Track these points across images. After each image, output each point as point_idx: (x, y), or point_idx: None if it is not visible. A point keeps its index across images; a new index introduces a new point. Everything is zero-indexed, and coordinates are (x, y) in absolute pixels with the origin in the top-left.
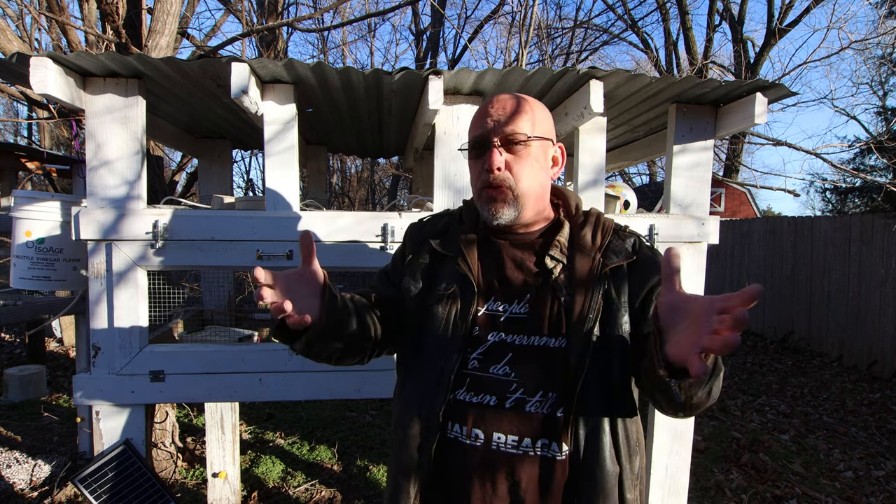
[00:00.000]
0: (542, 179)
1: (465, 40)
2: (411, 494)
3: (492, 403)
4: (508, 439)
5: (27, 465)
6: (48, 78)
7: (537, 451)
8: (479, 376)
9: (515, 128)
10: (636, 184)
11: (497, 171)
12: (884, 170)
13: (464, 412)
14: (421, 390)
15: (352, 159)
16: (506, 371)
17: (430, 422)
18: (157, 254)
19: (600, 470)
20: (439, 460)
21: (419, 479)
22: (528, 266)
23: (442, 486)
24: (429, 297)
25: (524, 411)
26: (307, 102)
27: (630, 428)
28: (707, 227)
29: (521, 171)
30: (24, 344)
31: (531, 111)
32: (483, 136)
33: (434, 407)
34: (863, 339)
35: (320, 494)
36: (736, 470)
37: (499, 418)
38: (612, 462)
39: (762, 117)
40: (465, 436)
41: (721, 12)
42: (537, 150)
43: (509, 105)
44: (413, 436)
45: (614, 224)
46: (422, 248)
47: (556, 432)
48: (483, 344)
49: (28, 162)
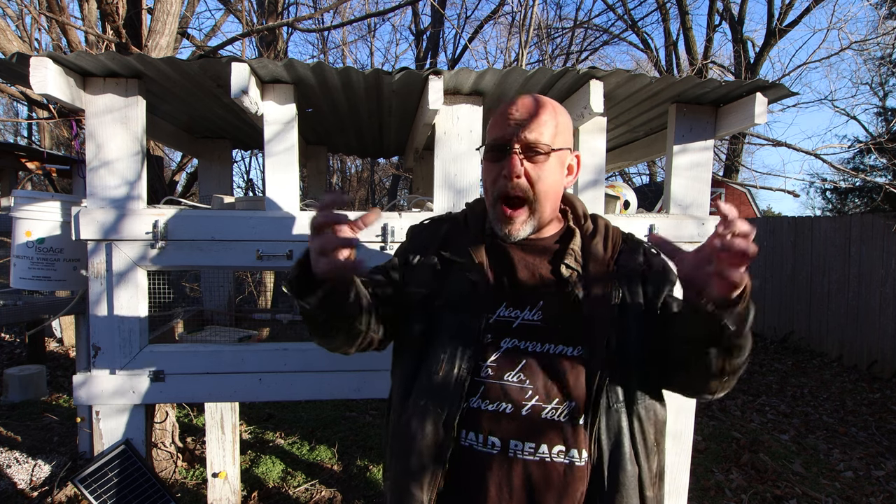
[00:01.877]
0: (557, 189)
1: (465, 40)
2: (424, 502)
3: (508, 411)
4: (526, 446)
5: (27, 465)
6: (48, 78)
7: (555, 458)
8: (493, 384)
9: (539, 136)
10: (636, 184)
11: (516, 180)
12: (884, 170)
13: (478, 420)
14: (432, 399)
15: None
16: (520, 378)
17: (446, 431)
18: (157, 254)
19: (622, 473)
20: (452, 468)
21: (433, 487)
22: (540, 272)
23: (456, 493)
24: (436, 303)
25: (541, 418)
26: (307, 102)
27: (648, 430)
28: (707, 227)
29: (539, 180)
30: (24, 344)
31: (554, 118)
32: (504, 140)
33: (449, 416)
34: (863, 339)
35: (320, 494)
36: (736, 470)
37: (515, 425)
38: (632, 464)
39: (762, 117)
40: (480, 443)
41: (721, 12)
42: (557, 159)
43: (533, 109)
44: (426, 445)
45: (622, 232)
46: (427, 251)
47: (575, 439)
48: (496, 351)
49: (28, 162)
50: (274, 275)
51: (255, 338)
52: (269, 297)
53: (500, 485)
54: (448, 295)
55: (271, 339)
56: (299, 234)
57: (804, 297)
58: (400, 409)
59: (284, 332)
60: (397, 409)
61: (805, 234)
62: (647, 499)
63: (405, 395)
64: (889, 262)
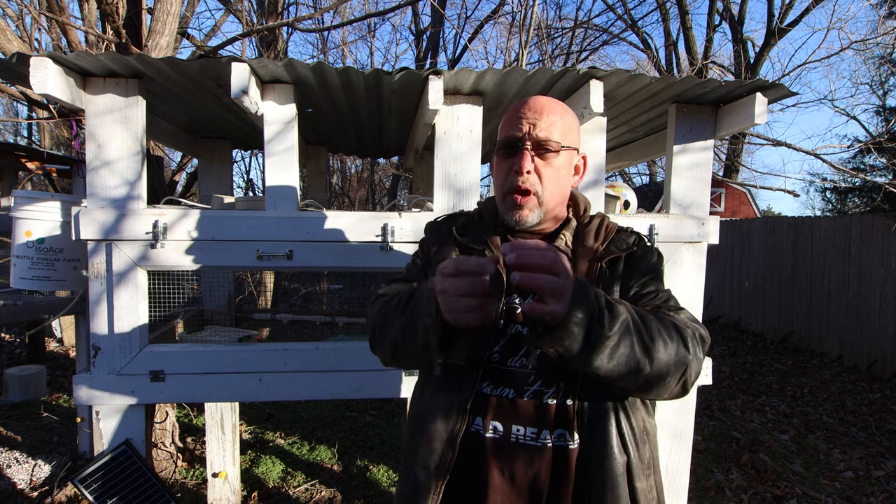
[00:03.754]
0: (564, 186)
1: (465, 40)
2: (432, 488)
3: (510, 396)
4: (527, 431)
5: (27, 465)
6: (48, 78)
7: (554, 442)
8: (498, 369)
9: (549, 135)
10: (636, 184)
11: (526, 175)
12: (883, 170)
13: (485, 405)
14: (448, 382)
15: (352, 159)
16: (523, 363)
17: (459, 414)
18: (157, 254)
19: (608, 459)
20: (460, 453)
21: (443, 472)
22: None
23: (461, 478)
24: None
25: (542, 403)
26: (307, 102)
27: (635, 416)
28: (707, 227)
29: (548, 177)
30: (24, 344)
31: (563, 119)
32: (515, 138)
33: (462, 399)
34: (863, 339)
35: (320, 494)
36: (736, 470)
37: (517, 411)
38: (620, 451)
39: (762, 117)
40: (484, 428)
41: (721, 12)
42: (565, 158)
43: (544, 110)
44: (438, 428)
45: (618, 226)
46: (445, 241)
47: (568, 421)
48: (504, 336)
49: (28, 162)
50: (274, 275)
51: (255, 338)
52: (269, 297)
53: (502, 470)
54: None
55: (271, 339)
56: (299, 234)
57: (804, 297)
58: (419, 394)
59: (284, 332)
60: (415, 394)
61: (805, 234)
62: (637, 489)
63: (425, 379)
64: (889, 262)
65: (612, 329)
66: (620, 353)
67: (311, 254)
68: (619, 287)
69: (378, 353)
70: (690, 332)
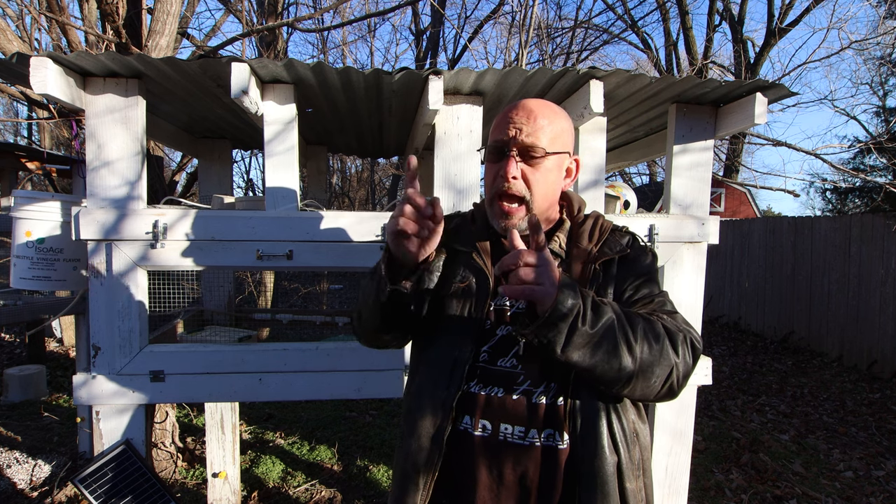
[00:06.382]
0: (554, 190)
1: (465, 40)
2: (420, 485)
3: (499, 395)
4: (515, 430)
5: (27, 465)
6: (48, 78)
7: (542, 441)
8: (487, 369)
9: (535, 140)
10: (636, 184)
11: (512, 181)
12: (884, 170)
13: (473, 404)
14: (434, 381)
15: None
16: (513, 363)
17: (444, 413)
18: (157, 254)
19: (598, 459)
20: (448, 451)
21: (430, 469)
22: None
23: (450, 475)
24: (444, 290)
25: (530, 402)
26: (307, 102)
27: (625, 417)
28: (707, 228)
29: (535, 182)
30: (24, 344)
31: (553, 123)
32: (502, 143)
33: (448, 398)
34: (863, 339)
35: (320, 494)
36: (736, 470)
37: (505, 410)
38: (610, 451)
39: (762, 117)
40: (473, 427)
41: (721, 12)
42: (553, 162)
43: (533, 114)
44: (425, 426)
45: (612, 225)
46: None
47: (558, 422)
48: (493, 337)
49: (28, 162)
50: (274, 275)
51: (255, 338)
52: (269, 297)
53: (490, 469)
54: (455, 281)
55: (271, 339)
56: (299, 234)
57: (804, 297)
58: (409, 393)
59: (284, 332)
60: (408, 390)
61: (805, 234)
62: (627, 490)
63: (415, 374)
64: (889, 262)
65: (595, 328)
66: (602, 350)
67: (311, 254)
68: (612, 289)
69: (357, 329)
70: (681, 337)
